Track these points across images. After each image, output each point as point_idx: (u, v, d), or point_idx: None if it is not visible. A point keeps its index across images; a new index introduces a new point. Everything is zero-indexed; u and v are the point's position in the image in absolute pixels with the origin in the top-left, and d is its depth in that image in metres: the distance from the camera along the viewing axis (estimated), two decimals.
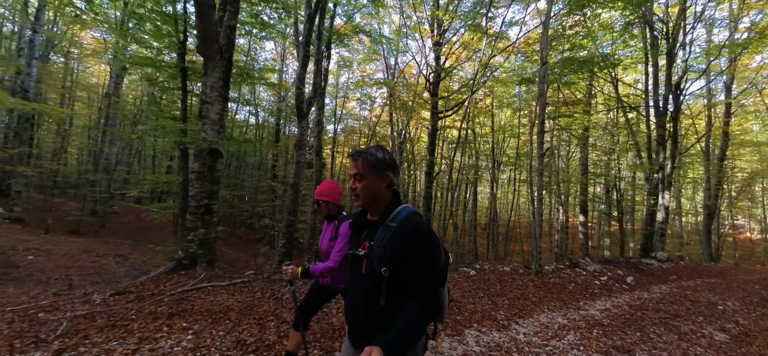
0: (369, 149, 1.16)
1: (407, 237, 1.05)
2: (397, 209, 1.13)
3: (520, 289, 4.17)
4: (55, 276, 6.75)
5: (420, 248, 1.04)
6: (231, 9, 4.02)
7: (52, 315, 2.66)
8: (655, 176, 10.43)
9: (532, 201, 19.08)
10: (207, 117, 3.90)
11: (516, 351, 2.50)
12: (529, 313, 3.41)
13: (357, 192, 1.14)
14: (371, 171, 1.13)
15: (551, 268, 5.61)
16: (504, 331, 2.86)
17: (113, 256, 10.32)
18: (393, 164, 1.18)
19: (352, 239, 1.24)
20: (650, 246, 10.20)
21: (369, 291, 1.09)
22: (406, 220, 1.08)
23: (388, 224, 1.10)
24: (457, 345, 2.46)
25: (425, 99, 12.01)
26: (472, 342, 2.56)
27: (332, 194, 1.91)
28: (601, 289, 4.91)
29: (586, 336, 2.98)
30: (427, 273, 1.04)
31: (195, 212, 3.99)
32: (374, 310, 1.08)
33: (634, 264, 7.07)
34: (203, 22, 3.50)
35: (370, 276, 1.09)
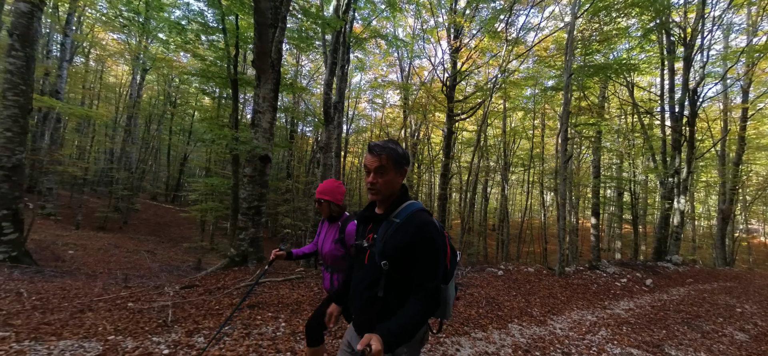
0: (389, 144, 1.17)
1: (411, 233, 1.06)
2: (403, 204, 1.15)
3: (547, 289, 4.44)
4: (98, 269, 7.19)
5: (423, 244, 1.06)
6: (281, 26, 4.34)
7: (141, 304, 3.00)
8: (670, 180, 10.56)
9: (542, 204, 19.25)
10: (259, 126, 4.24)
11: (558, 343, 2.78)
12: (560, 311, 3.68)
13: (378, 187, 1.13)
14: (393, 166, 1.14)
15: (572, 270, 5.85)
16: (542, 326, 3.15)
17: (142, 251, 10.81)
18: (408, 159, 1.21)
19: (359, 231, 1.27)
20: (664, 249, 10.34)
21: (369, 282, 1.13)
22: (411, 216, 1.10)
23: (392, 219, 1.12)
24: (506, 337, 2.75)
25: (440, 102, 12.24)
26: (517, 334, 2.85)
27: (335, 193, 1.83)
28: (623, 290, 5.16)
29: (616, 332, 3.25)
30: (430, 269, 1.06)
31: (246, 213, 4.33)
32: (372, 300, 1.11)
33: (650, 267, 7.28)
34: (261, 39, 3.83)
35: (371, 268, 1.12)
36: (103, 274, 6.82)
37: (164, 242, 13.88)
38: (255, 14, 3.62)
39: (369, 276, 1.13)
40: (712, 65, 11.15)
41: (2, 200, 5.26)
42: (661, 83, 11.31)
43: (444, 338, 2.49)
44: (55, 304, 3.11)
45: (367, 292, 1.13)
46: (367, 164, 1.15)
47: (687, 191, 10.56)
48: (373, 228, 1.18)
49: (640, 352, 2.80)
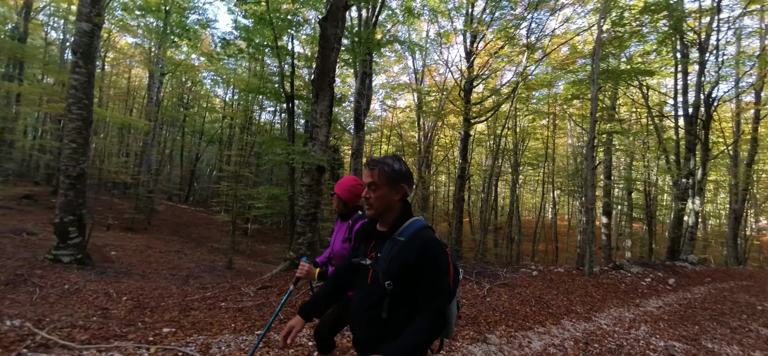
0: (386, 160, 1.17)
1: (415, 252, 1.05)
2: (406, 222, 1.14)
3: (582, 288, 4.80)
4: (145, 269, 7.61)
5: (428, 263, 1.05)
6: (337, 46, 4.70)
7: (230, 304, 3.38)
8: (683, 181, 10.84)
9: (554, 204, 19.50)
10: (316, 139, 4.61)
11: (608, 336, 3.14)
12: (600, 308, 4.04)
13: (370, 202, 1.14)
14: (387, 182, 1.13)
15: (598, 269, 6.20)
16: (589, 322, 3.51)
17: (173, 252, 11.26)
18: (409, 176, 1.18)
19: (359, 248, 1.25)
20: (677, 249, 10.64)
21: (372, 302, 1.11)
22: (415, 235, 1.09)
23: (396, 237, 1.11)
24: (563, 331, 3.12)
25: (457, 106, 12.56)
26: (571, 329, 3.21)
27: (347, 191, 1.77)
28: (649, 289, 5.50)
29: (655, 327, 3.60)
30: (435, 289, 1.04)
31: (304, 219, 4.71)
32: (376, 322, 1.10)
33: (669, 267, 7.61)
34: (323, 61, 4.20)
35: (375, 288, 1.10)
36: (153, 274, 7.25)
37: (188, 242, 14.30)
38: (321, 40, 3.98)
39: (372, 297, 1.11)
40: (726, 67, 11.39)
41: (68, 206, 5.68)
42: (675, 84, 11.54)
43: (515, 332, 2.86)
44: (154, 304, 3.49)
45: (370, 313, 1.11)
46: (364, 178, 1.17)
47: (702, 192, 10.84)
48: (375, 246, 1.17)
49: (681, 345, 3.16)
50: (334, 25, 3.97)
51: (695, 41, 10.27)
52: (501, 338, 2.70)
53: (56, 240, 5.67)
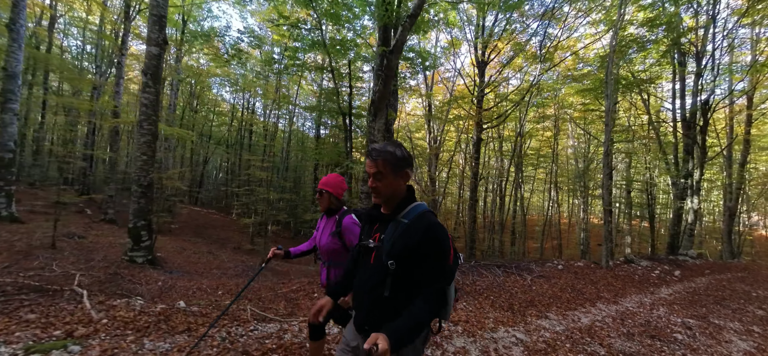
0: (387, 147, 1.19)
1: (419, 234, 1.09)
2: (410, 205, 1.17)
3: (603, 279, 5.54)
4: (199, 269, 8.24)
5: (431, 245, 1.08)
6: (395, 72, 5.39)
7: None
8: (682, 181, 11.68)
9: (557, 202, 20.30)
10: None
11: (636, 315, 3.87)
12: (622, 294, 4.77)
13: (378, 191, 1.17)
14: (392, 170, 1.16)
15: (612, 263, 6.96)
16: (617, 304, 4.23)
17: (204, 253, 11.88)
18: (410, 160, 1.22)
19: (364, 230, 1.29)
20: (677, 245, 11.48)
21: (375, 282, 1.14)
22: (419, 218, 1.13)
23: (400, 219, 1.14)
24: (600, 311, 3.84)
25: (470, 112, 13.27)
26: (606, 310, 3.93)
27: (337, 187, 1.86)
28: (658, 280, 6.27)
29: (671, 309, 4.33)
30: (437, 271, 1.08)
31: None
32: (379, 300, 1.13)
33: (673, 261, 8.41)
34: (385, 86, 4.88)
35: (378, 268, 1.14)
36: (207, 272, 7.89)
37: (212, 244, 14.87)
38: (385, 69, 4.66)
39: (375, 276, 1.15)
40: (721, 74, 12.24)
41: (140, 212, 6.31)
42: (673, 89, 12.31)
43: (565, 312, 3.58)
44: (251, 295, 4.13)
45: (373, 292, 1.15)
46: (367, 169, 1.20)
47: (699, 191, 11.69)
48: (379, 228, 1.21)
49: (694, 321, 3.89)
50: (397, 57, 4.65)
51: (692, 51, 11.10)
52: (557, 315, 3.42)
53: (131, 243, 6.29)
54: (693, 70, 11.12)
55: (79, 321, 2.00)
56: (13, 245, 6.54)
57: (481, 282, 4.33)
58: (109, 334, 1.90)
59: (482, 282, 4.32)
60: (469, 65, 16.58)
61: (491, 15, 12.15)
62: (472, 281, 4.30)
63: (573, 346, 2.70)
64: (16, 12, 8.79)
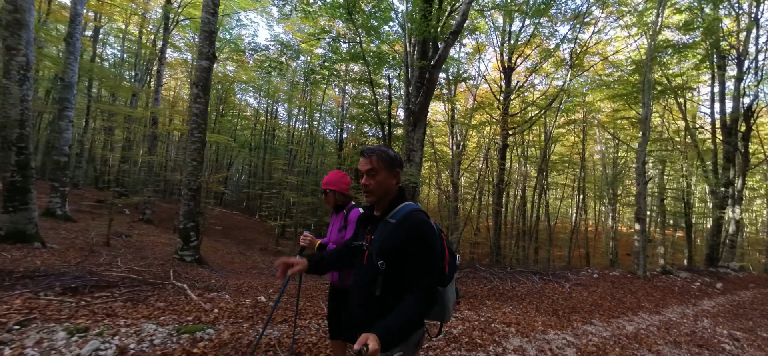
0: (380, 147, 1.24)
1: (404, 233, 1.12)
2: (399, 205, 1.21)
3: (642, 289, 5.58)
4: (238, 268, 8.77)
5: (416, 243, 1.11)
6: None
7: None
8: (722, 190, 11.31)
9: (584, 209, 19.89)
10: (413, 161, 5.59)
11: (680, 325, 3.94)
12: (664, 305, 4.82)
13: (370, 188, 1.21)
14: (385, 167, 1.20)
15: (649, 274, 6.92)
16: (660, 314, 4.31)
17: (236, 253, 12.49)
18: (401, 162, 1.27)
19: (358, 232, 1.34)
20: (716, 256, 11.11)
21: (367, 281, 1.18)
22: (405, 217, 1.16)
23: (389, 220, 1.18)
24: (643, 320, 3.94)
25: (495, 118, 13.34)
26: (649, 319, 4.03)
27: (340, 183, 1.91)
28: (699, 292, 6.21)
29: (715, 321, 4.36)
30: (423, 269, 1.10)
31: None
32: (370, 300, 1.17)
33: (713, 273, 8.22)
34: (426, 98, 5.17)
35: (369, 268, 1.18)
36: (246, 272, 8.38)
37: (240, 245, 15.56)
38: (427, 83, 4.96)
39: (367, 276, 1.18)
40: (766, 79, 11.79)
41: (190, 214, 6.84)
42: (711, 93, 11.93)
43: (609, 319, 3.72)
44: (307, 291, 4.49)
45: (365, 291, 1.18)
46: (360, 167, 1.23)
47: (741, 200, 11.28)
48: (371, 229, 1.26)
49: (741, 333, 3.92)
50: (439, 71, 4.94)
51: (733, 54, 10.79)
52: (601, 322, 3.57)
53: (181, 243, 6.83)
54: (733, 74, 10.81)
55: (196, 309, 2.36)
56: (74, 243, 7.22)
57: (520, 287, 4.51)
58: (226, 321, 2.25)
59: (521, 288, 4.51)
60: (493, 70, 16.66)
61: (518, 20, 12.24)
62: (511, 286, 4.50)
63: (622, 351, 2.86)
64: (73, 26, 9.66)
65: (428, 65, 4.83)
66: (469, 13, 5.02)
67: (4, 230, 5.68)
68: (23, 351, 1.74)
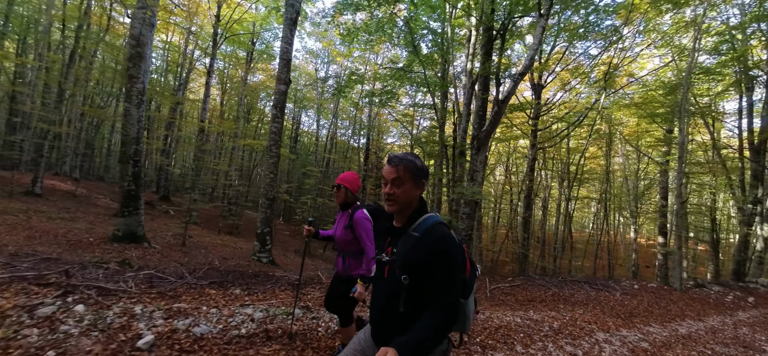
0: (408, 156, 1.22)
1: (428, 247, 1.11)
2: (421, 217, 1.20)
3: (681, 300, 6.25)
4: (294, 268, 9.64)
5: (440, 258, 1.10)
6: None
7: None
8: (749, 207, 11.77)
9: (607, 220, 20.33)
10: (475, 180, 6.40)
11: (723, 331, 4.62)
12: (703, 315, 5.49)
13: (394, 197, 1.19)
14: (412, 178, 1.19)
15: (682, 287, 7.55)
16: (702, 322, 4.99)
17: (280, 254, 13.37)
18: (427, 172, 1.26)
19: (378, 244, 1.34)
20: (742, 272, 11.56)
21: (389, 296, 1.18)
22: (429, 230, 1.15)
23: (411, 233, 1.17)
24: (689, 326, 4.64)
25: (525, 132, 14.02)
26: (694, 326, 4.72)
27: (354, 183, 2.09)
28: (733, 304, 6.83)
29: (753, 329, 5.02)
30: (447, 284, 1.09)
31: (462, 237, 6.49)
32: (393, 315, 1.17)
33: (744, 288, 8.77)
34: (492, 125, 5.99)
35: (391, 283, 1.18)
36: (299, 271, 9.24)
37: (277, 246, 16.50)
38: (495, 115, 5.78)
39: (390, 291, 1.18)
40: None
41: (266, 221, 7.76)
42: (739, 111, 12.37)
43: (663, 324, 4.44)
44: None
45: (388, 307, 1.18)
46: (385, 175, 1.22)
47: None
48: (392, 242, 1.24)
49: None
50: (506, 105, 5.75)
51: (761, 80, 11.32)
52: (658, 325, 4.29)
53: (258, 246, 7.77)
54: (761, 98, 11.33)
55: (291, 297, 3.25)
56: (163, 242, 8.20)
57: (578, 294, 5.26)
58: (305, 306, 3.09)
59: (579, 295, 5.26)
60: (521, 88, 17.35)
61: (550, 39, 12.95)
62: (570, 293, 5.25)
63: (684, 347, 3.58)
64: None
65: (498, 100, 5.65)
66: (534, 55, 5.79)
67: (121, 232, 6.69)
68: (227, 324, 2.51)
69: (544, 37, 6.55)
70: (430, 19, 8.00)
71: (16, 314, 2.01)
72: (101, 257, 4.64)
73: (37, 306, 2.13)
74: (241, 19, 15.18)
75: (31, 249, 4.74)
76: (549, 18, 5.31)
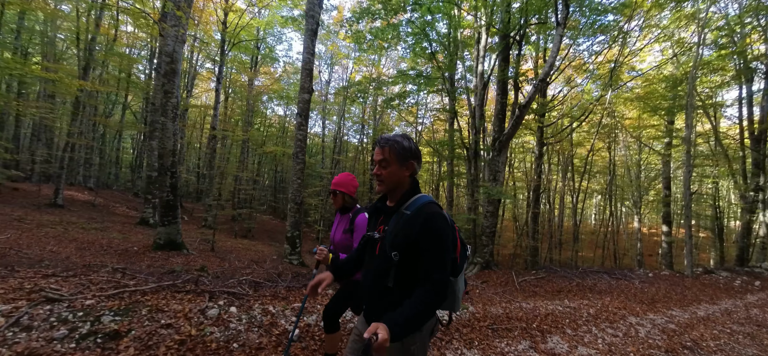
0: (396, 137, 1.25)
1: (418, 225, 1.14)
2: (413, 197, 1.24)
3: (694, 286, 6.70)
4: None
5: (430, 236, 1.13)
6: None
7: (503, 288, 5.56)
8: (751, 194, 12.28)
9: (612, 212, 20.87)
10: (498, 180, 6.81)
11: (737, 312, 5.06)
12: (716, 299, 5.93)
13: (381, 178, 1.24)
14: (397, 159, 1.23)
15: (693, 273, 8.02)
16: (717, 305, 5.42)
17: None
18: (417, 153, 1.27)
19: (371, 222, 1.38)
20: (746, 257, 12.08)
21: (379, 273, 1.22)
22: (420, 209, 1.18)
23: (403, 211, 1.20)
24: (706, 309, 5.08)
25: (532, 129, 14.43)
26: (710, 308, 5.15)
27: (349, 185, 1.99)
28: (741, 288, 7.30)
29: (762, 311, 5.46)
30: (437, 261, 1.12)
31: (488, 235, 6.90)
32: (383, 291, 1.21)
33: (748, 273, 9.26)
34: (513, 129, 6.39)
35: (382, 259, 1.22)
36: None
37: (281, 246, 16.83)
38: (516, 119, 6.17)
39: (380, 267, 1.22)
40: None
41: (296, 225, 8.13)
42: (739, 100, 12.84)
43: (682, 308, 4.87)
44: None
45: (378, 282, 1.22)
46: (374, 156, 1.27)
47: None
48: (384, 220, 1.29)
49: None
50: (526, 110, 6.14)
51: (761, 71, 11.78)
52: (679, 309, 4.72)
53: (289, 249, 8.14)
54: (759, 88, 11.80)
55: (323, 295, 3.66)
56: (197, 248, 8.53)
57: (600, 284, 5.70)
58: None
59: (601, 285, 5.69)
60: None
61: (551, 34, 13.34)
62: (593, 283, 5.68)
63: (705, 328, 4.00)
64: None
65: (518, 105, 6.04)
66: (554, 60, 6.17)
67: (162, 240, 7.04)
68: (275, 320, 2.80)
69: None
70: (436, 21, 8.34)
71: (195, 316, 2.38)
72: (183, 265, 5.01)
73: (205, 310, 2.50)
74: (248, 25, 15.46)
75: (93, 260, 5.09)
76: (566, 27, 5.68)
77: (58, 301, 2.31)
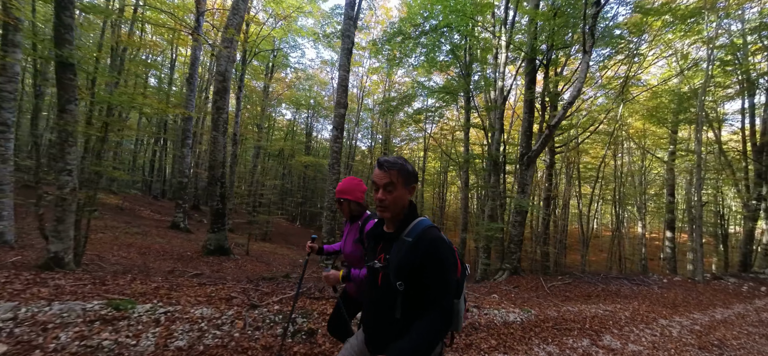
0: (399, 160, 1.23)
1: (422, 252, 1.12)
2: (413, 222, 1.21)
3: (705, 291, 7.25)
4: None
5: (435, 263, 1.11)
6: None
7: (537, 293, 6.09)
8: (754, 203, 12.89)
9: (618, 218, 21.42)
10: (525, 192, 7.36)
11: (749, 315, 5.59)
12: (728, 303, 6.48)
13: (386, 203, 1.19)
14: (404, 183, 1.20)
15: (704, 279, 8.58)
16: (730, 309, 5.96)
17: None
18: (417, 176, 1.26)
19: (369, 250, 1.32)
20: (749, 263, 12.68)
21: (385, 303, 1.18)
22: (422, 234, 1.16)
23: (404, 238, 1.17)
24: (721, 312, 5.62)
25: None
26: (725, 312, 5.69)
27: (355, 191, 1.87)
28: (749, 293, 7.86)
29: None
30: (443, 287, 1.10)
31: (515, 243, 7.44)
32: (389, 322, 1.17)
33: (754, 278, 9.84)
34: (542, 145, 6.95)
35: (386, 289, 1.17)
36: None
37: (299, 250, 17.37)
38: (545, 138, 6.73)
39: (385, 298, 1.18)
40: None
41: (331, 231, 8.64)
42: (742, 110, 13.47)
43: (701, 311, 5.42)
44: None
45: (385, 314, 1.19)
46: (376, 179, 1.21)
47: None
48: (384, 248, 1.25)
49: None
50: (556, 129, 6.69)
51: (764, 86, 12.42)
52: (698, 313, 5.26)
53: (326, 256, 8.65)
54: (759, 101, 12.44)
55: None
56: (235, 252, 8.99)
57: (624, 290, 6.24)
58: None
59: (625, 290, 6.23)
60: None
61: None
62: (617, 288, 6.23)
63: (725, 329, 4.54)
64: (193, 69, 11.59)
65: (548, 125, 6.59)
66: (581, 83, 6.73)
67: (212, 245, 7.55)
68: None
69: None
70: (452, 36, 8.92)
71: None
72: (269, 272, 5.50)
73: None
74: (268, 35, 16.02)
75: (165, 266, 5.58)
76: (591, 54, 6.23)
77: (258, 307, 2.83)
